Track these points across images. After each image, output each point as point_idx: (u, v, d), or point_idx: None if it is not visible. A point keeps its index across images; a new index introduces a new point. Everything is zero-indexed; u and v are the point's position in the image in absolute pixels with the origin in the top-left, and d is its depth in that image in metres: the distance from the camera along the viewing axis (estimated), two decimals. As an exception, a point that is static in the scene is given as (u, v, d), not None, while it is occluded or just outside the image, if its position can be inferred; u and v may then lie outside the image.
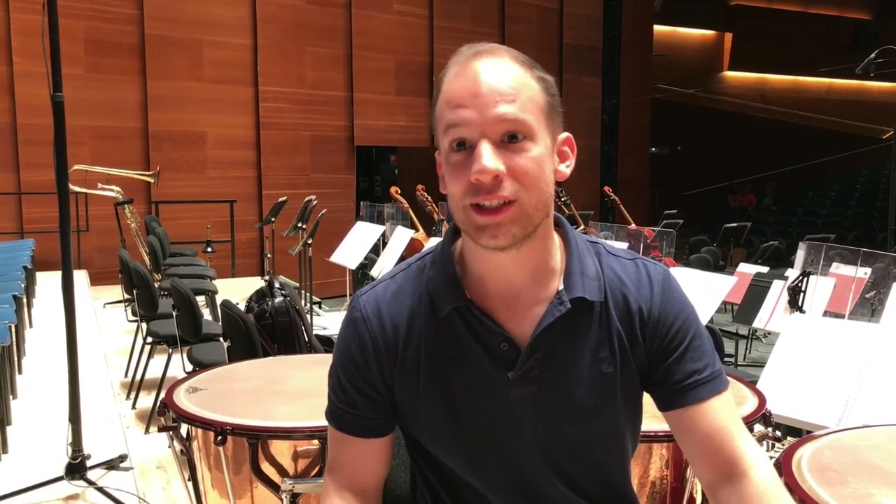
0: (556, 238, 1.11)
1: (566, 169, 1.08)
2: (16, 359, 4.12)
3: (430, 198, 8.00)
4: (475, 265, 1.09)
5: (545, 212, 1.04)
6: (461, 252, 1.12)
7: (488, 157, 0.97)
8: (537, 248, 1.07)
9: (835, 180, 18.10)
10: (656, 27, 15.83)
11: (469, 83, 1.00)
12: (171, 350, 3.92)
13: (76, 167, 6.86)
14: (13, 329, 3.57)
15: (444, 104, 1.02)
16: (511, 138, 0.99)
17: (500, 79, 0.99)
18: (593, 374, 1.08)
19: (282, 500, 1.77)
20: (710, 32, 19.14)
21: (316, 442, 1.79)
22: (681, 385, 1.09)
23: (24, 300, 4.84)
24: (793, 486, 1.40)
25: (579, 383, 1.08)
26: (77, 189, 6.81)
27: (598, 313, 1.09)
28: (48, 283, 6.41)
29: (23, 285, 4.53)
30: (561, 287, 1.08)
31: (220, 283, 6.13)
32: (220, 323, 3.71)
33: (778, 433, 1.91)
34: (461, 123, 0.99)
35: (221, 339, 3.55)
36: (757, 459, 1.08)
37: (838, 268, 4.30)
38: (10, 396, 3.74)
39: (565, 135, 1.08)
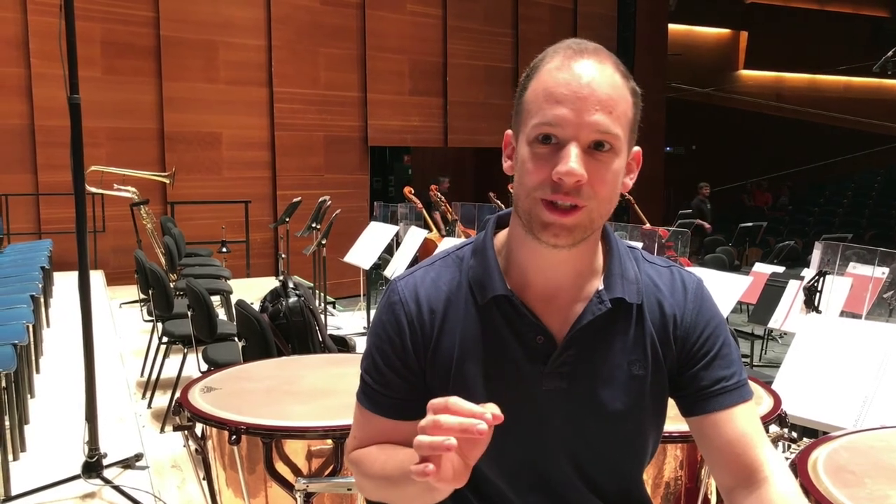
0: (599, 242, 1.14)
1: (630, 182, 1.10)
2: (33, 358, 4.16)
3: (443, 198, 8.01)
4: (520, 257, 1.10)
5: (605, 220, 1.07)
6: (504, 243, 1.13)
7: (575, 161, 0.98)
8: (585, 251, 1.09)
9: (852, 179, 17.95)
10: (671, 26, 15.75)
11: (572, 81, 1.00)
12: (186, 350, 3.95)
13: (93, 168, 6.91)
14: (31, 329, 3.60)
15: (541, 95, 1.02)
16: (597, 146, 1.00)
17: (602, 86, 1.00)
18: (624, 375, 1.10)
19: (296, 499, 1.77)
20: (725, 31, 19.02)
21: (330, 441, 1.79)
22: (707, 391, 1.11)
23: (42, 300, 4.88)
24: (809, 488, 1.39)
25: (610, 383, 1.09)
26: (93, 190, 6.87)
27: (635, 316, 1.11)
28: (65, 283, 6.45)
29: (40, 285, 4.58)
30: (601, 287, 1.10)
31: (234, 284, 6.16)
32: (234, 323, 3.73)
33: (794, 434, 1.90)
34: (556, 122, 0.99)
35: (236, 338, 3.56)
36: (777, 468, 1.08)
37: (855, 267, 4.27)
38: (28, 395, 3.78)
39: (637, 149, 1.10)
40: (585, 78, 1.00)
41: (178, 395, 2.04)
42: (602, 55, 1.04)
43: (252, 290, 6.22)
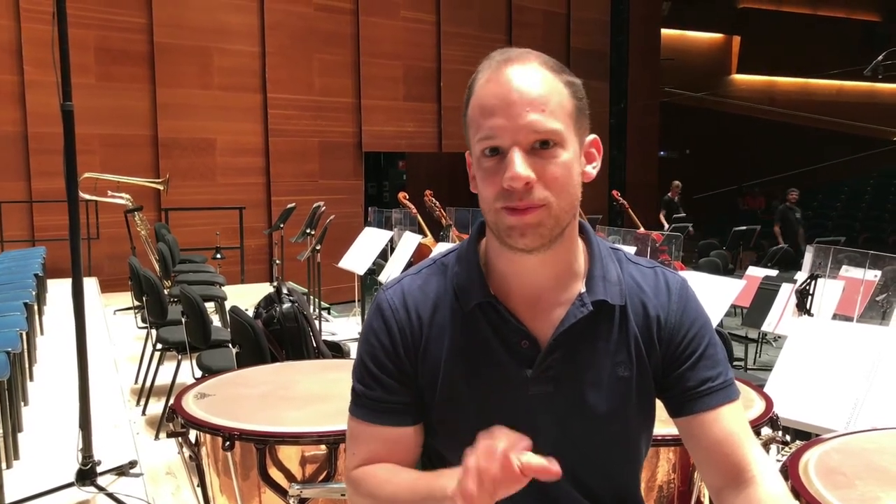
0: (580, 243, 1.14)
1: (593, 170, 1.11)
2: (27, 366, 4.15)
3: (438, 203, 8.01)
4: (500, 265, 1.11)
5: (572, 214, 1.07)
6: (486, 250, 1.14)
7: (520, 165, 0.99)
8: (562, 252, 1.09)
9: (845, 183, 18.02)
10: (664, 31, 15.80)
11: (501, 90, 1.02)
12: (180, 356, 3.94)
13: (86, 175, 6.91)
14: (24, 336, 3.60)
15: (476, 111, 1.04)
16: (542, 144, 1.01)
17: (530, 87, 1.02)
18: (610, 377, 1.10)
19: (289, 505, 1.77)
20: (718, 35, 19.10)
21: (323, 447, 1.79)
22: (693, 392, 1.11)
23: (36, 308, 4.87)
24: (800, 490, 1.39)
25: (595, 385, 1.10)
26: (87, 197, 6.86)
27: (618, 317, 1.11)
28: (59, 290, 6.45)
29: (34, 293, 4.57)
30: (583, 290, 1.10)
31: (229, 290, 6.15)
32: (228, 329, 3.72)
33: (786, 437, 1.91)
34: (493, 133, 1.01)
35: (230, 345, 3.56)
36: (765, 468, 1.09)
37: (847, 271, 4.29)
38: (22, 403, 3.77)
39: (592, 136, 1.11)
40: (513, 84, 1.02)
41: (171, 401, 2.03)
42: (528, 57, 1.05)
43: (246, 297, 6.21)
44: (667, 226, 10.37)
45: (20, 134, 7.62)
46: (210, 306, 4.95)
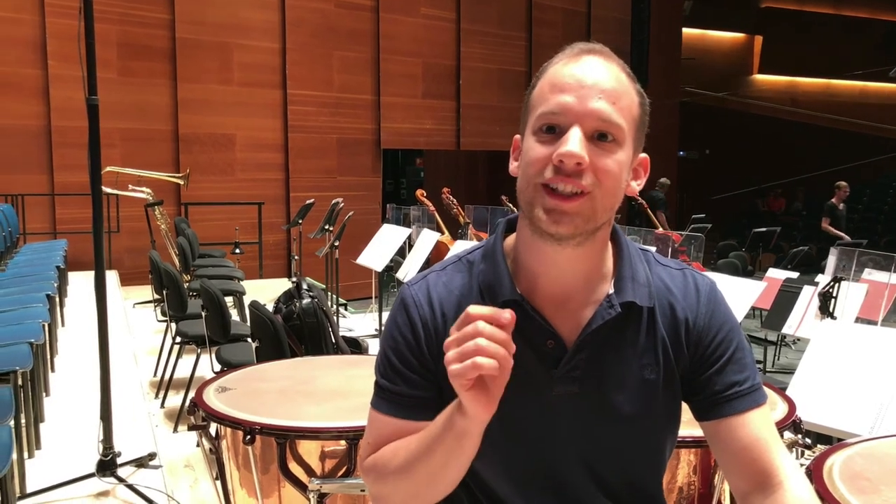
0: (610, 245, 1.13)
1: (637, 186, 1.10)
2: (49, 357, 4.20)
3: (455, 200, 8.01)
4: (528, 261, 1.10)
5: (609, 216, 1.05)
6: (514, 247, 1.13)
7: (576, 143, 0.99)
8: (593, 254, 1.09)
9: (867, 185, 17.82)
10: (685, 30, 15.72)
11: (578, 72, 1.02)
12: (199, 350, 3.96)
13: (108, 169, 6.96)
14: (46, 328, 3.64)
15: (546, 86, 1.04)
16: (601, 136, 1.01)
17: (607, 78, 1.03)
18: (636, 379, 1.09)
19: (309, 499, 1.78)
20: (739, 35, 18.96)
21: (343, 442, 1.80)
22: (721, 396, 1.10)
23: (57, 299, 4.92)
24: (824, 494, 1.38)
25: (621, 387, 1.09)
26: (108, 190, 6.92)
27: (646, 319, 1.10)
28: (80, 282, 6.51)
29: (56, 285, 4.62)
30: (611, 291, 1.09)
31: (247, 285, 6.19)
32: (248, 323, 3.74)
33: (808, 441, 1.89)
34: (559, 110, 1.01)
35: (249, 339, 3.58)
36: (792, 473, 1.08)
37: (871, 274, 4.24)
38: (44, 394, 3.81)
39: (644, 155, 1.11)
40: (591, 70, 1.02)
41: (192, 394, 2.05)
42: (610, 56, 1.06)
43: (265, 292, 6.25)
44: (842, 235, 9.82)
45: (44, 128, 7.70)
46: (229, 301, 4.98)
